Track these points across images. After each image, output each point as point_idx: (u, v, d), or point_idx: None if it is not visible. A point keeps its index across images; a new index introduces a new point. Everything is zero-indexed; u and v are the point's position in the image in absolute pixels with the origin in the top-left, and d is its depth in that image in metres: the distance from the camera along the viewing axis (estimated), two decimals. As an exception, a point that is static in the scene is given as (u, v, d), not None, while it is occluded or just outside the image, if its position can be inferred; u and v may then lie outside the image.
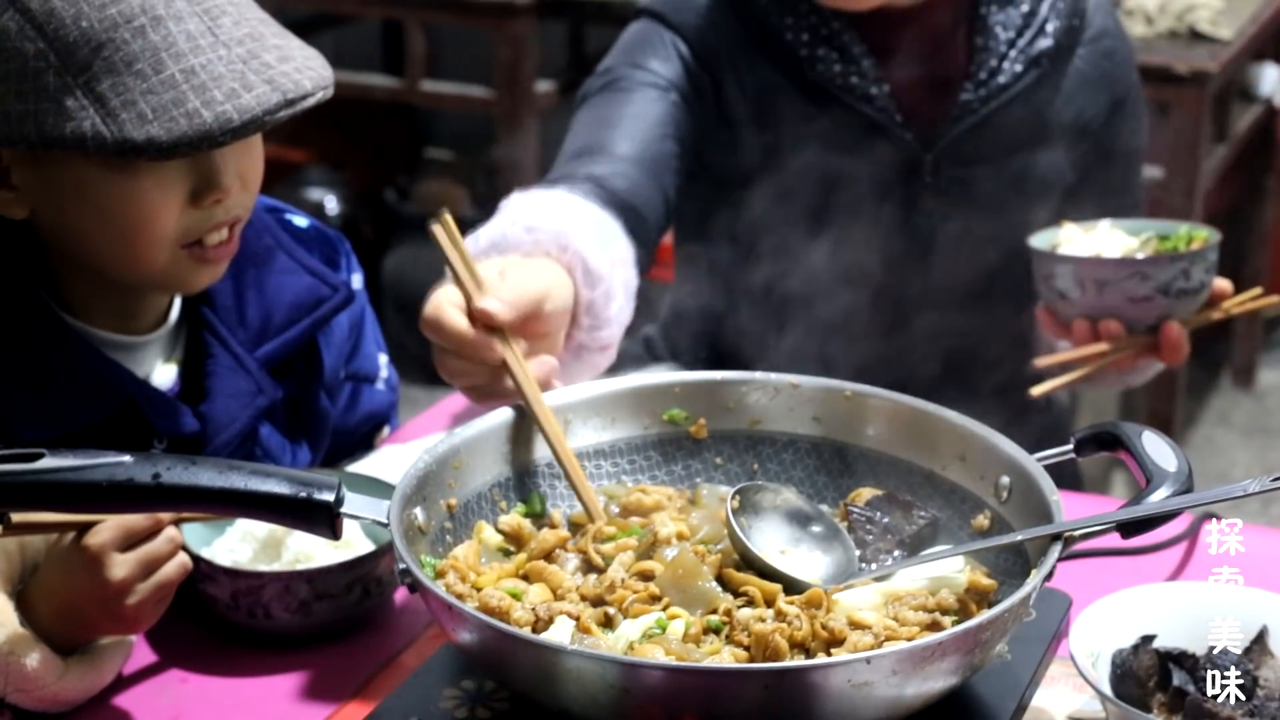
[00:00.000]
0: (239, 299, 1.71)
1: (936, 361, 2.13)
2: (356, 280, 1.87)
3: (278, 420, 1.76)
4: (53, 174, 1.52)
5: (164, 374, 1.69)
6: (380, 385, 1.95)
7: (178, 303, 1.70)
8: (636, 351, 2.32)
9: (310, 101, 1.52)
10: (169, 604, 1.47)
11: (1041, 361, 2.01)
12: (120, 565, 1.42)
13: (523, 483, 1.53)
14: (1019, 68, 2.06)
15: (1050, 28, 2.07)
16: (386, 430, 1.99)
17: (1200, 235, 1.98)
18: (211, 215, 1.56)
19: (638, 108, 2.04)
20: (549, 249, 1.69)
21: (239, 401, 1.68)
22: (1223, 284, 1.98)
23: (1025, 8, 2.07)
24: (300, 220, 1.85)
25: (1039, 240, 2.00)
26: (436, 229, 1.52)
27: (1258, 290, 2.03)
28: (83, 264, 1.59)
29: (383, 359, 1.97)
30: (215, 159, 1.53)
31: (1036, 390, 1.97)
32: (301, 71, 1.52)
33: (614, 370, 2.29)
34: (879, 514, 1.49)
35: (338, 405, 1.87)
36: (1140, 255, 1.95)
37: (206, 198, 1.54)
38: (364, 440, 1.95)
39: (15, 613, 1.42)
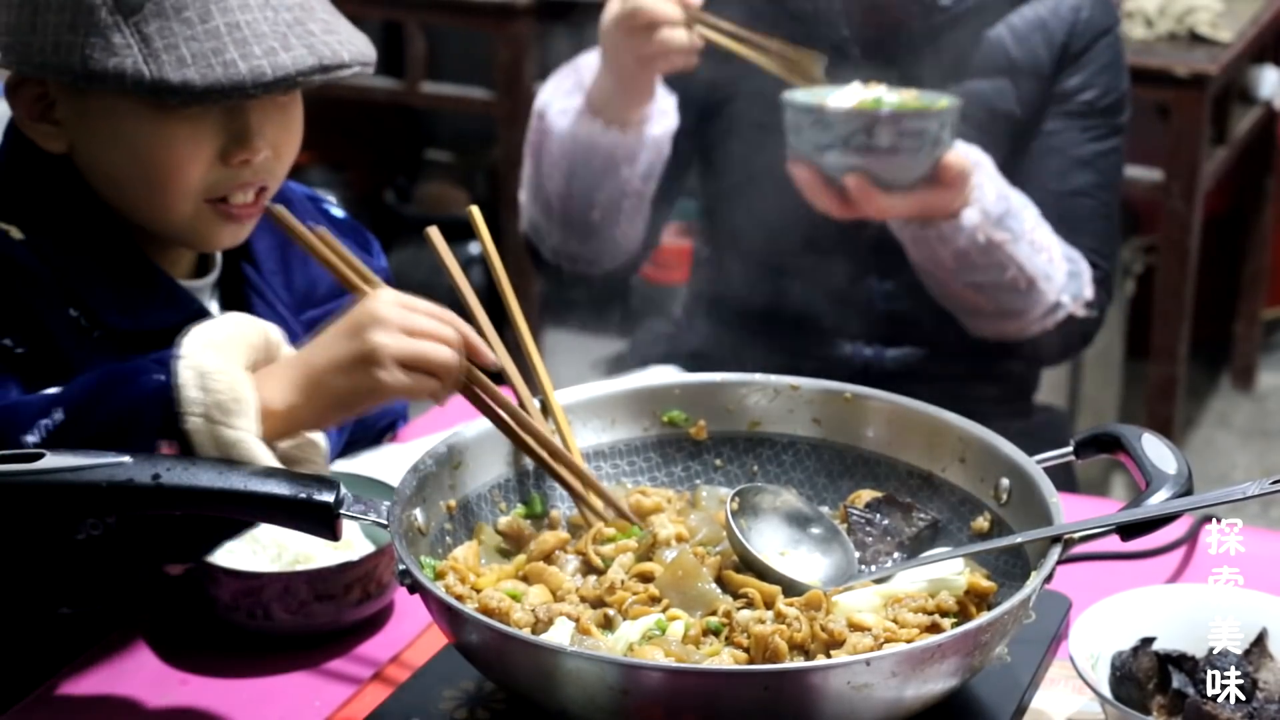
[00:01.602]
0: (285, 267, 1.76)
1: (895, 306, 2.20)
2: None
3: None
4: (93, 110, 1.57)
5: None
6: None
7: (218, 261, 1.72)
8: (651, 339, 2.45)
9: (347, 72, 1.56)
10: (453, 376, 1.44)
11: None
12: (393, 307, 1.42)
13: (522, 484, 1.53)
14: None
15: None
16: (399, 425, 1.99)
17: (929, 104, 1.98)
18: (238, 175, 1.59)
19: None
20: None
21: None
22: (952, 162, 1.97)
23: None
24: (338, 211, 1.90)
25: (808, 91, 2.03)
26: (432, 233, 1.53)
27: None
28: (114, 208, 1.62)
29: None
30: (250, 120, 1.57)
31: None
32: (343, 44, 1.56)
33: (621, 368, 2.32)
34: (879, 516, 1.49)
35: None
36: (833, 106, 1.97)
37: (236, 155, 1.57)
38: (378, 436, 1.96)
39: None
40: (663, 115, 2.15)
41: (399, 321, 1.41)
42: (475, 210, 1.57)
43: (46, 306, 1.55)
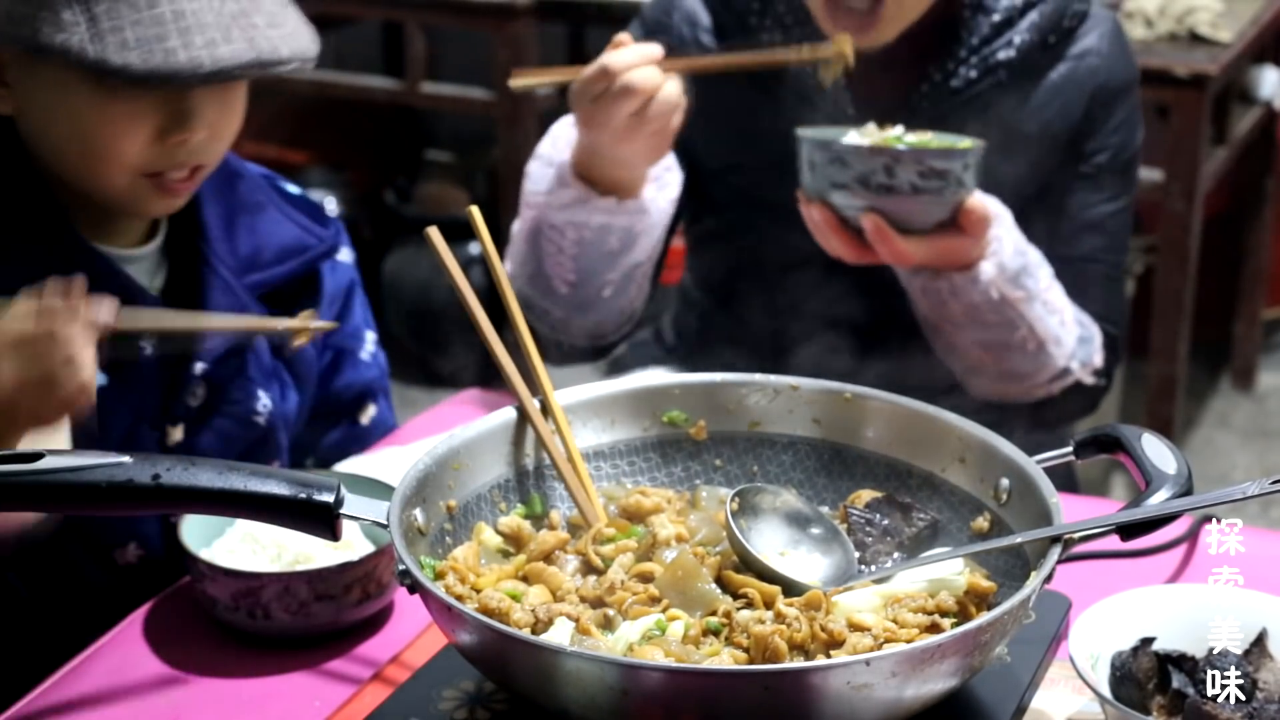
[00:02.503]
0: (229, 233, 1.79)
1: (898, 358, 2.12)
2: (346, 254, 1.95)
3: (262, 355, 1.81)
4: (42, 79, 1.61)
5: (149, 288, 1.75)
6: (365, 356, 1.99)
7: (163, 227, 1.77)
8: (645, 339, 2.39)
9: (285, 69, 1.60)
10: (88, 374, 1.46)
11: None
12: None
13: (522, 484, 1.53)
14: (974, 74, 2.05)
15: (1018, 40, 2.05)
16: (372, 409, 2.00)
17: (947, 143, 1.90)
18: (175, 154, 1.63)
19: None
20: None
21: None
22: (974, 207, 1.88)
23: (997, 18, 2.05)
24: (292, 188, 1.93)
25: (821, 131, 1.95)
26: (432, 234, 1.53)
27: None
28: (54, 173, 1.66)
29: (370, 335, 2.01)
30: (190, 102, 1.61)
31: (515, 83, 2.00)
32: (284, 39, 1.60)
33: (621, 369, 2.31)
34: (878, 516, 1.49)
35: (320, 365, 1.92)
36: (853, 143, 1.89)
37: (173, 136, 1.62)
38: (349, 412, 1.97)
39: None
40: (669, 173, 2.07)
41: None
42: (475, 210, 1.58)
43: None
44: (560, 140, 2.05)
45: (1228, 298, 4.54)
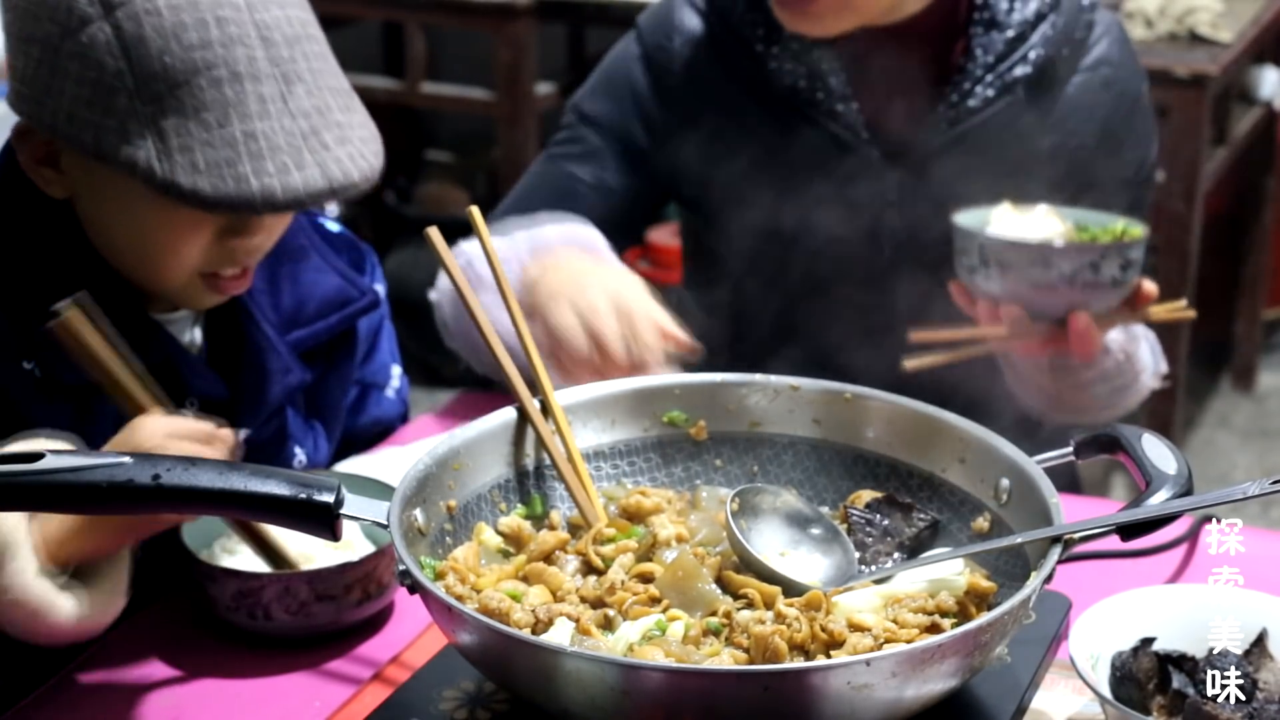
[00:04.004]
0: (273, 287, 1.76)
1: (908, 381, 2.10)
2: (379, 290, 1.91)
3: (298, 405, 1.79)
4: (100, 176, 1.55)
5: (193, 347, 1.72)
6: (390, 394, 1.99)
7: None
8: None
9: (353, 192, 1.55)
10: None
11: (919, 335, 1.94)
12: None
13: (522, 484, 1.53)
14: (991, 93, 2.04)
15: (1034, 55, 2.04)
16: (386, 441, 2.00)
17: (1132, 232, 1.90)
18: (233, 254, 1.60)
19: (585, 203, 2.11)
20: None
21: (270, 377, 1.72)
22: (1148, 286, 1.90)
23: (1011, 34, 2.03)
24: (333, 225, 1.89)
25: (966, 218, 1.92)
26: (432, 234, 1.53)
27: (1182, 302, 1.96)
28: (105, 258, 1.62)
29: (395, 370, 2.01)
30: (255, 216, 1.56)
31: (910, 364, 1.91)
32: (354, 159, 1.54)
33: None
34: (879, 516, 1.49)
35: (345, 404, 1.89)
36: (1058, 243, 1.87)
37: (234, 240, 1.58)
38: (366, 445, 1.96)
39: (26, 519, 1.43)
40: None
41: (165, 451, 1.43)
42: (475, 210, 1.58)
43: None
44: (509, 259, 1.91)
45: (1228, 298, 4.54)
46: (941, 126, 2.04)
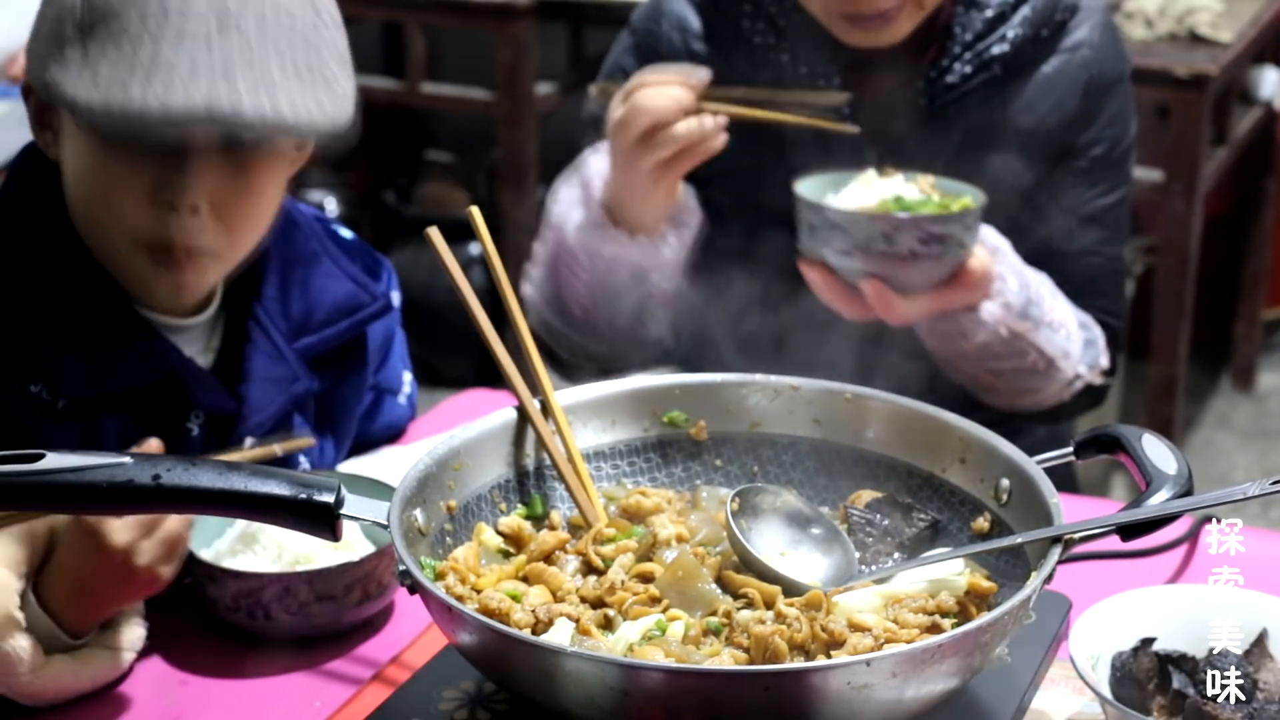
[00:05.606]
0: (284, 293, 1.75)
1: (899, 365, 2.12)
2: (395, 298, 1.90)
3: (308, 413, 1.78)
4: (66, 127, 1.58)
5: (202, 358, 1.72)
6: (401, 400, 1.99)
7: (219, 293, 1.72)
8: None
9: (250, 136, 1.52)
10: (182, 560, 1.50)
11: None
12: (120, 530, 1.44)
13: (523, 484, 1.53)
14: (968, 69, 2.05)
15: (1012, 34, 2.05)
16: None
17: (955, 202, 1.88)
18: (168, 224, 1.56)
19: None
20: None
21: (276, 386, 1.71)
22: (975, 264, 1.89)
23: (990, 13, 2.05)
24: (345, 233, 1.89)
25: (813, 182, 1.93)
26: (432, 234, 1.53)
27: None
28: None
29: (407, 376, 2.00)
30: (185, 167, 1.54)
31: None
32: (264, 104, 1.49)
33: (621, 370, 2.31)
34: (879, 516, 1.49)
35: (359, 411, 1.89)
36: (846, 209, 1.87)
37: (160, 197, 1.54)
38: (374, 449, 1.96)
39: (18, 596, 1.43)
40: (688, 214, 2.07)
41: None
42: (475, 210, 1.57)
43: (4, 386, 1.56)
44: (591, 167, 2.05)
45: (1228, 298, 4.55)
46: (920, 104, 2.06)
